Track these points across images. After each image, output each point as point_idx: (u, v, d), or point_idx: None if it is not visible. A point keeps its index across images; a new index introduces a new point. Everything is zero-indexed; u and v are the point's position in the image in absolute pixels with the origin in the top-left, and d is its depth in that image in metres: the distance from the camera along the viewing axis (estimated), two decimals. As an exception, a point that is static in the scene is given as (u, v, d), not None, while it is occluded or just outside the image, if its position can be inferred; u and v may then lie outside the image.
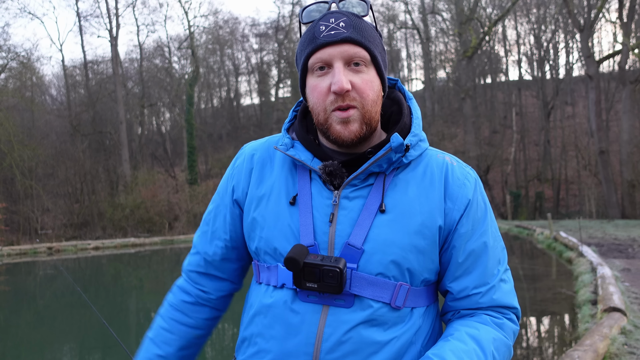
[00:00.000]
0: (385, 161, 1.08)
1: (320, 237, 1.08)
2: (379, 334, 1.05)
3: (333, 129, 1.07)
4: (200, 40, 35.92)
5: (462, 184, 1.13)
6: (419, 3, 35.48)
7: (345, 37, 1.04)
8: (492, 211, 1.20)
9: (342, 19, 1.06)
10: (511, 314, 1.13)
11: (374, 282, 1.05)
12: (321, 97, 1.07)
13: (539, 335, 6.20)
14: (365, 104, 1.06)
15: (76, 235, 24.77)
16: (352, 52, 1.04)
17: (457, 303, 1.14)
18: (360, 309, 1.05)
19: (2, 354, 6.25)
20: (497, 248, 1.15)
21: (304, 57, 1.09)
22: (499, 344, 1.08)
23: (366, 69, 1.07)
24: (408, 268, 1.07)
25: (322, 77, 1.07)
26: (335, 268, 1.01)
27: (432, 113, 37.65)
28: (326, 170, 1.09)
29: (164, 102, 37.09)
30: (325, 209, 1.09)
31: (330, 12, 1.08)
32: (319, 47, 1.05)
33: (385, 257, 1.05)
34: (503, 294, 1.12)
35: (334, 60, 1.05)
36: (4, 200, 23.38)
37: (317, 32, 1.06)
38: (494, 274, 1.12)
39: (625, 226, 17.33)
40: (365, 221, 1.07)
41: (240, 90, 42.56)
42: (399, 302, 1.06)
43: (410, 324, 1.08)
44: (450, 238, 1.12)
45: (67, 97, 33.76)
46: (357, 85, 1.05)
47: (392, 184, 1.11)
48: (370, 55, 1.07)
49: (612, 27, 36.56)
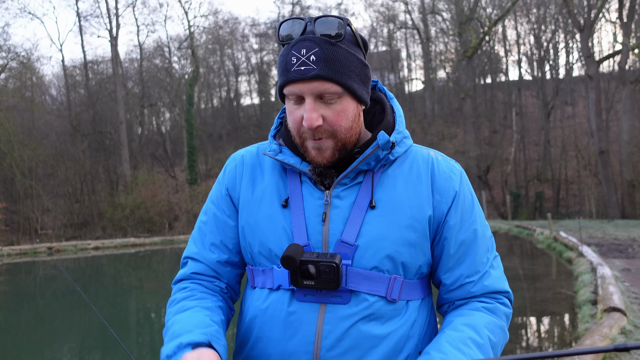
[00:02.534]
0: (372, 159, 1.12)
1: (313, 236, 1.10)
2: (377, 328, 1.08)
3: (309, 153, 1.11)
4: (200, 40, 35.91)
5: (449, 177, 1.16)
6: (419, 3, 35.48)
7: (315, 75, 1.03)
8: (479, 201, 1.23)
9: (313, 51, 1.03)
10: (503, 298, 1.17)
11: (369, 277, 1.08)
12: (296, 124, 1.09)
13: (539, 335, 6.20)
14: (339, 133, 1.08)
15: (76, 235, 24.75)
16: (322, 89, 1.04)
17: (451, 294, 1.17)
18: (357, 304, 1.07)
19: (2, 354, 6.25)
20: (485, 237, 1.18)
21: (279, 86, 1.11)
22: (493, 327, 1.10)
23: (338, 100, 1.07)
24: (402, 262, 1.10)
25: (297, 106, 1.08)
26: (331, 263, 1.04)
27: (432, 113, 37.64)
28: (316, 172, 1.13)
29: (164, 102, 37.08)
30: (317, 209, 1.12)
31: (303, 38, 1.05)
32: (290, 82, 1.06)
33: (379, 252, 1.08)
34: (494, 279, 1.16)
35: (305, 95, 1.05)
36: (4, 200, 23.38)
37: (289, 63, 1.05)
38: (484, 262, 1.16)
39: (625, 226, 17.33)
40: (357, 218, 1.09)
41: (240, 90, 42.59)
42: (395, 294, 1.09)
43: (406, 317, 1.11)
44: (440, 230, 1.15)
45: (67, 97, 33.75)
46: (329, 118, 1.07)
47: (380, 180, 1.14)
48: (342, 87, 1.06)
49: (612, 27, 36.58)
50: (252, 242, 1.15)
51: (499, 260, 1.20)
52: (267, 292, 1.13)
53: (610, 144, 25.81)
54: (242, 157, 1.25)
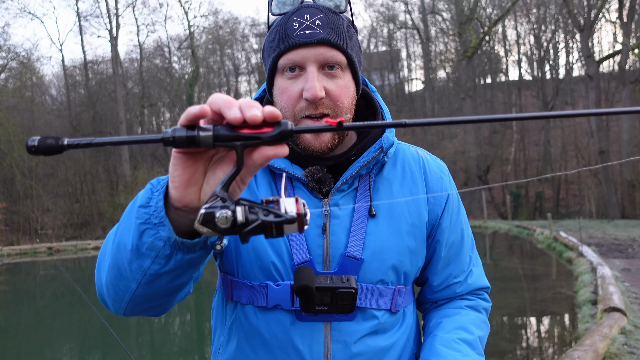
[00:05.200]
0: (372, 162, 1.03)
1: (314, 250, 1.00)
2: (382, 340, 1.04)
3: (302, 138, 0.99)
4: (200, 40, 35.91)
5: (440, 178, 1.12)
6: (419, 3, 35.46)
7: (322, 39, 0.94)
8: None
9: (318, 17, 0.95)
10: (484, 294, 1.18)
11: (375, 291, 1.02)
12: (291, 102, 0.97)
13: (539, 335, 6.19)
14: (340, 112, 0.97)
15: (76, 235, 24.74)
16: (328, 56, 0.95)
17: (437, 294, 1.15)
18: (364, 320, 1.01)
19: (2, 354, 6.25)
20: (469, 235, 1.17)
21: (274, 56, 0.98)
22: (478, 323, 1.11)
23: (342, 73, 0.98)
24: (404, 271, 1.05)
25: (293, 80, 0.97)
26: (350, 289, 0.96)
27: (432, 113, 37.60)
28: (314, 178, 1.00)
29: (164, 102, 37.06)
30: (315, 219, 1.01)
31: (304, 5, 0.97)
32: (291, 48, 0.95)
33: (384, 264, 1.02)
34: (476, 277, 1.16)
35: (307, 64, 0.95)
36: (4, 200, 23.37)
37: (290, 29, 0.95)
38: (467, 261, 1.15)
39: (625, 226, 17.32)
40: (359, 228, 1.01)
41: (240, 90, 42.47)
42: (398, 305, 1.06)
43: (405, 324, 1.09)
44: (433, 233, 1.11)
45: (67, 97, 33.74)
46: (332, 92, 0.96)
47: (375, 185, 1.06)
48: (347, 59, 0.98)
49: (612, 27, 36.56)
50: (244, 254, 1.01)
51: (477, 254, 1.19)
52: (258, 310, 1.01)
53: (610, 144, 25.79)
54: None
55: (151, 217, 0.74)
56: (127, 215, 0.81)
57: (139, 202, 0.77)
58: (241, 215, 0.58)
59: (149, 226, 0.75)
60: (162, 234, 0.74)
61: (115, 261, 0.82)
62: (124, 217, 0.82)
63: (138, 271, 0.79)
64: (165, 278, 0.80)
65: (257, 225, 0.59)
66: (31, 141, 0.58)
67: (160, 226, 0.74)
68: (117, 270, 0.82)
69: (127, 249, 0.78)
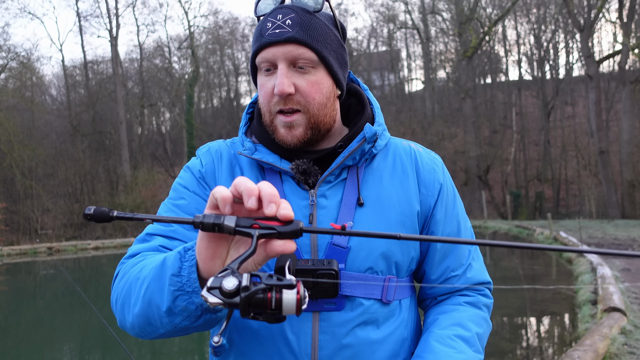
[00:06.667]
0: (358, 153, 1.06)
1: (300, 240, 1.01)
2: (374, 333, 1.03)
3: (277, 132, 1.04)
4: (200, 40, 35.91)
5: (432, 169, 1.13)
6: (419, 3, 35.46)
7: (289, 37, 0.98)
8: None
9: (290, 16, 0.99)
10: (485, 290, 1.16)
11: (364, 279, 1.02)
12: (267, 98, 1.02)
13: (539, 335, 6.20)
14: (311, 107, 1.01)
15: (76, 235, 24.74)
16: (295, 54, 0.99)
17: (435, 289, 1.14)
18: (352, 310, 1.02)
19: (2, 354, 6.25)
20: (467, 228, 1.17)
21: (251, 55, 1.05)
22: (477, 319, 1.10)
23: (313, 70, 1.01)
24: (395, 261, 1.05)
25: (269, 77, 1.02)
26: (330, 271, 0.97)
27: (432, 113, 37.60)
28: (299, 170, 1.04)
29: (164, 102, 37.05)
30: (302, 210, 1.04)
31: (280, 6, 1.02)
32: (263, 46, 1.00)
33: (373, 252, 1.02)
34: (476, 272, 1.14)
35: (277, 61, 0.99)
36: (4, 200, 23.37)
37: (264, 29, 1.00)
38: (465, 254, 1.14)
39: (625, 226, 17.32)
40: (346, 218, 1.03)
41: (240, 90, 42.48)
42: (390, 296, 1.05)
43: (400, 317, 1.07)
44: (427, 225, 1.12)
45: (67, 97, 33.73)
46: (302, 88, 1.00)
47: (364, 176, 1.08)
48: (318, 56, 1.00)
49: (612, 27, 36.55)
50: None
51: (479, 251, 1.18)
52: None
53: (610, 144, 25.79)
54: (218, 152, 1.13)
55: (184, 286, 0.82)
56: (157, 276, 0.86)
57: (170, 270, 0.84)
58: (246, 281, 0.64)
59: (182, 293, 0.82)
60: (195, 300, 0.82)
61: (145, 313, 0.88)
62: (153, 277, 0.87)
63: (169, 325, 0.87)
64: (193, 329, 0.89)
65: (259, 289, 0.63)
66: (87, 210, 0.71)
67: (194, 294, 0.82)
68: (147, 320, 0.89)
69: (160, 309, 0.85)
